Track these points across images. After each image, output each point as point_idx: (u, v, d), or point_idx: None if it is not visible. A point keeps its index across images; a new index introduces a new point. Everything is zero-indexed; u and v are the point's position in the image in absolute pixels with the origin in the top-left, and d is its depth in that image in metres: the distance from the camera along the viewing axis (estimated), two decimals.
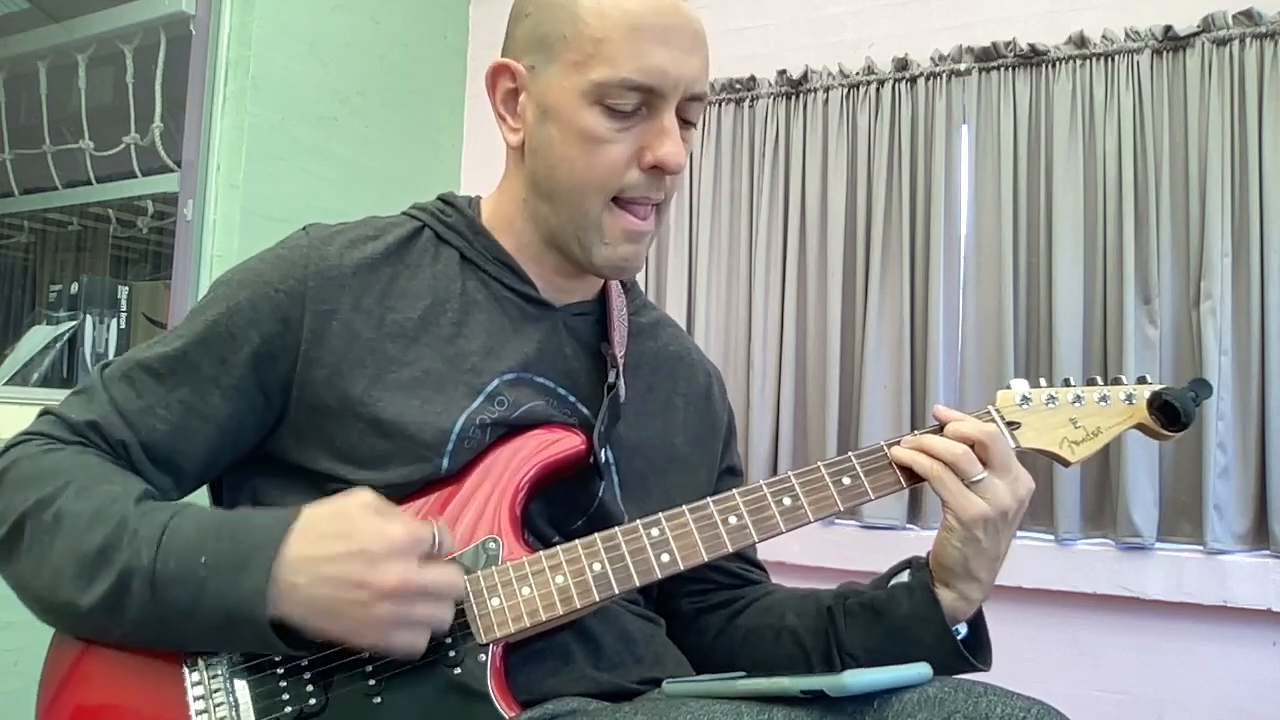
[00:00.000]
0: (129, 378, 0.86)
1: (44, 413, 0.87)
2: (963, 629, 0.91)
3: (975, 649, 0.91)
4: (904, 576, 0.92)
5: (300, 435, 0.86)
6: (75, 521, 0.76)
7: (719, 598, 1.05)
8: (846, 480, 0.86)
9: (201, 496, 0.93)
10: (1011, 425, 0.91)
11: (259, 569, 0.72)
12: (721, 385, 1.10)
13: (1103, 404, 0.93)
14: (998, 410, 0.91)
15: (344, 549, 0.72)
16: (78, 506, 0.77)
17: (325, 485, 0.84)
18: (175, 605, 0.73)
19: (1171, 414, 0.90)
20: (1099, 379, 0.95)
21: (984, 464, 0.85)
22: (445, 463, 0.84)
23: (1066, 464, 0.92)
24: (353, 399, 0.84)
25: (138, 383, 0.85)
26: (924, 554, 0.93)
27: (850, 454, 0.88)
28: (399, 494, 0.83)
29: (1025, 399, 0.92)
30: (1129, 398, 0.93)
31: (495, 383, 0.87)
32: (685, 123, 0.88)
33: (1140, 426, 0.93)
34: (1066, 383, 0.94)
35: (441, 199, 0.97)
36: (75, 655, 0.80)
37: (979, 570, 0.87)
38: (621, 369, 0.93)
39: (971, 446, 0.85)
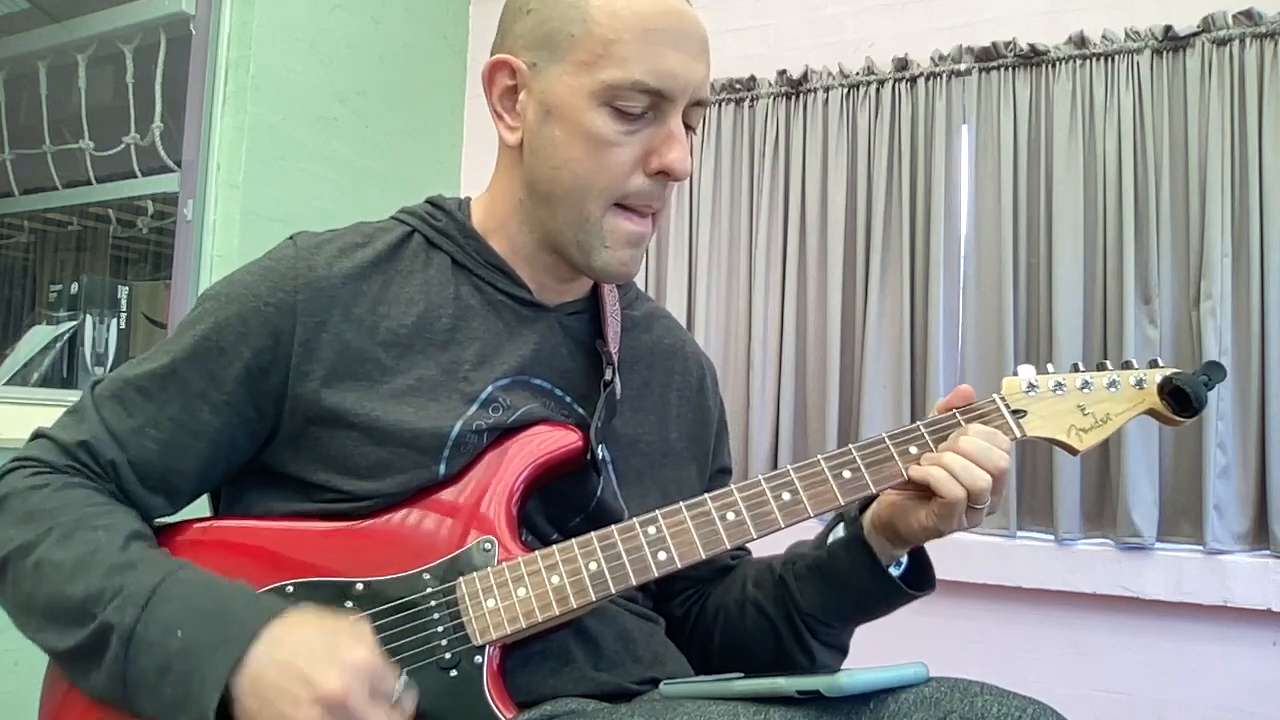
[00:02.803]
0: (119, 396, 0.85)
1: (36, 435, 0.86)
2: (904, 559, 0.93)
3: (918, 574, 0.93)
4: (839, 531, 0.93)
5: (295, 447, 0.85)
6: (57, 571, 0.76)
7: (707, 590, 1.05)
8: (847, 473, 0.84)
9: (201, 505, 0.93)
10: (1017, 413, 0.88)
11: (221, 663, 0.70)
12: (714, 378, 1.09)
13: (1112, 390, 0.90)
14: (1003, 399, 0.89)
15: (305, 639, 0.71)
16: (59, 555, 0.77)
17: (321, 496, 0.84)
18: (141, 672, 0.72)
19: (1183, 399, 0.87)
20: (1108, 363, 0.92)
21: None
22: (442, 468, 0.83)
23: (1075, 452, 0.90)
24: (346, 410, 0.83)
25: (128, 401, 0.84)
26: (853, 508, 0.92)
27: (850, 446, 0.86)
28: (396, 501, 0.83)
29: (1031, 386, 0.89)
30: (1139, 383, 0.90)
31: (490, 389, 0.87)
32: (686, 128, 0.87)
33: (1151, 412, 0.90)
34: (1075, 368, 0.92)
35: (430, 202, 0.96)
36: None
37: (924, 542, 0.89)
38: (617, 365, 0.93)
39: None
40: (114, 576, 0.75)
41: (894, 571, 0.90)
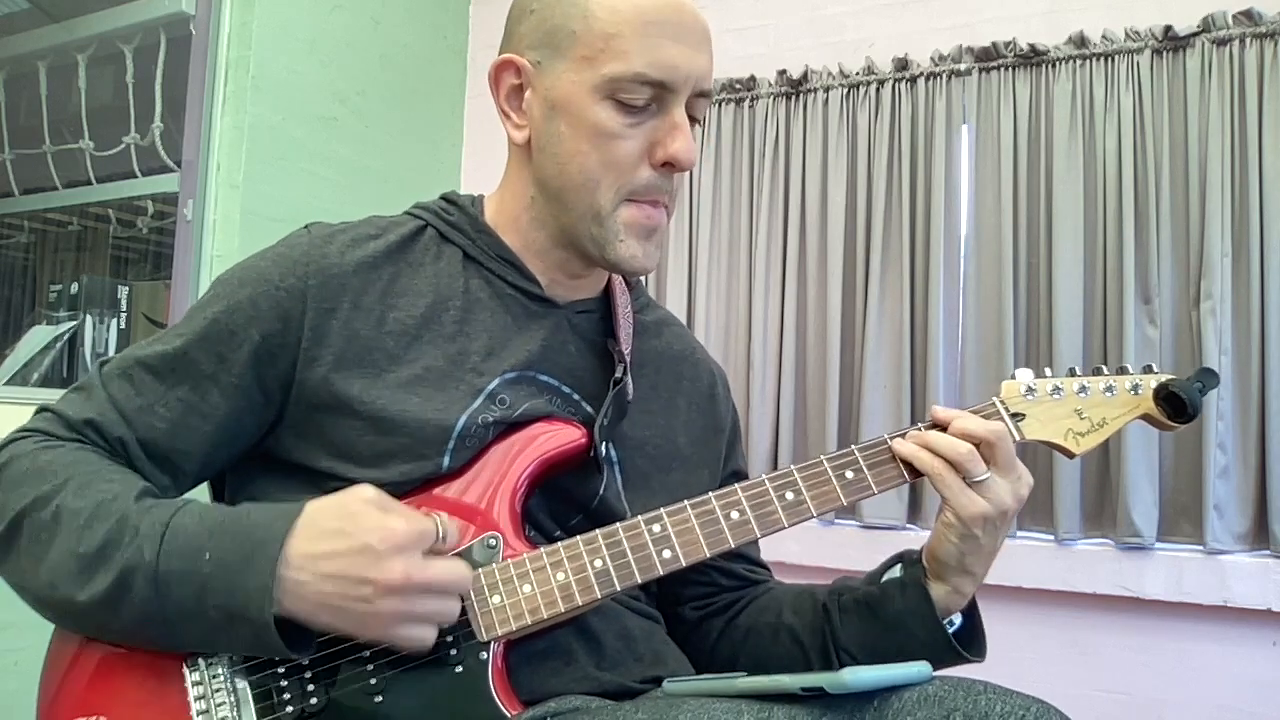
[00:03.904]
0: (128, 375, 0.85)
1: (41, 410, 0.87)
2: (957, 619, 0.91)
3: (970, 639, 0.91)
4: (896, 571, 0.92)
5: (300, 433, 0.86)
6: (75, 518, 0.76)
7: (724, 600, 1.04)
8: (849, 474, 0.85)
9: (201, 494, 0.93)
10: (1016, 417, 0.90)
11: (263, 567, 0.71)
12: (726, 385, 1.09)
13: (1108, 394, 0.91)
14: (1002, 402, 0.90)
15: (346, 545, 0.72)
16: (77, 503, 0.77)
17: (325, 484, 0.84)
18: (178, 603, 0.73)
19: (1178, 405, 0.89)
20: (1104, 368, 0.94)
21: (988, 463, 0.84)
22: (446, 461, 0.84)
23: (1071, 455, 0.91)
24: (351, 397, 0.84)
25: (136, 380, 0.85)
26: (916, 548, 0.92)
27: (853, 447, 0.87)
28: (398, 492, 0.82)
29: (1030, 390, 0.91)
30: (1135, 388, 0.92)
31: (496, 382, 0.87)
32: (691, 119, 0.88)
33: (1146, 417, 0.92)
34: (1072, 372, 0.93)
35: (444, 198, 0.97)
36: (74, 655, 0.80)
37: (974, 566, 0.87)
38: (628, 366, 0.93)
39: (977, 445, 0.84)
40: (129, 520, 0.75)
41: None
